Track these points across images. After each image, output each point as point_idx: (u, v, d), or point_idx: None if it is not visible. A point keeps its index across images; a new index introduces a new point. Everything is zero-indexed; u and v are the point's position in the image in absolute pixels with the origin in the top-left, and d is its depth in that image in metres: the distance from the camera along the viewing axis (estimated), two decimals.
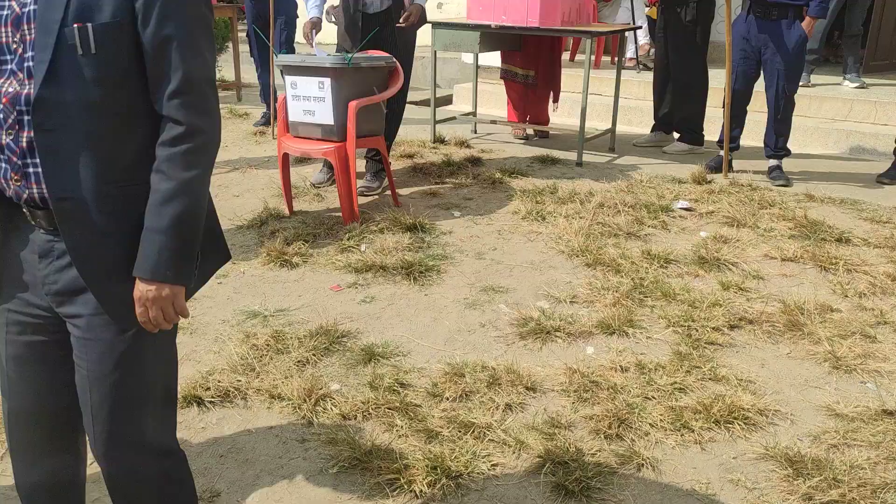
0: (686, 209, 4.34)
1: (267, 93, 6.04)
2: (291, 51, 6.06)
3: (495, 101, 6.81)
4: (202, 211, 1.50)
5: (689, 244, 3.91)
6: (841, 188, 4.82)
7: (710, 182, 4.81)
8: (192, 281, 1.54)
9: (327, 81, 3.97)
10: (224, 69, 7.82)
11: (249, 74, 7.17)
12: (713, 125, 5.48)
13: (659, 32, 5.54)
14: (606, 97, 6.29)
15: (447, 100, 8.01)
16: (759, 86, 4.91)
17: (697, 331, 3.03)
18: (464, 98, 7.03)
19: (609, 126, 5.76)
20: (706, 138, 5.61)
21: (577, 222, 4.09)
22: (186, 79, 1.43)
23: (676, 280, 3.52)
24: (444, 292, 3.45)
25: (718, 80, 5.52)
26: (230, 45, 7.78)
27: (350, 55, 3.98)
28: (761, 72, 4.83)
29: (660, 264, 3.64)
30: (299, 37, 5.34)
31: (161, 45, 1.41)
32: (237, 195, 4.73)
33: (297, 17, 5.94)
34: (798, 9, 4.62)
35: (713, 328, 3.05)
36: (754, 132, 5.31)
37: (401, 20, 4.37)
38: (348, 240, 3.93)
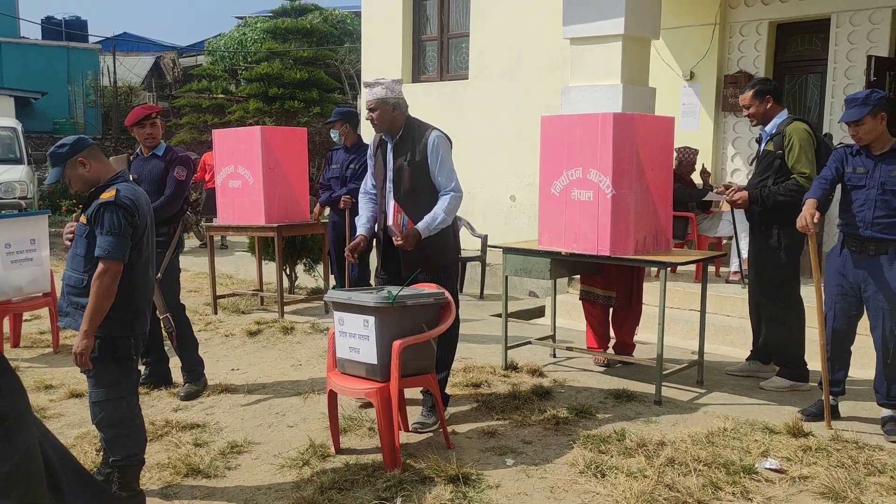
0: (775, 470, 3.73)
1: None
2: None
3: None
4: None
5: None
6: None
7: (807, 435, 4.14)
8: None
9: (371, 320, 3.85)
10: (319, 279, 8.04)
11: None
12: (817, 353, 4.82)
13: (749, 257, 5.12)
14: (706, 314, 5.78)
15: (539, 312, 7.79)
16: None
17: None
18: (557, 310, 6.69)
19: (705, 348, 5.22)
20: (811, 369, 4.97)
21: (640, 483, 3.58)
22: None
23: None
24: None
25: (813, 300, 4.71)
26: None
27: (394, 294, 3.86)
28: (864, 309, 4.28)
29: None
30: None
31: None
32: (291, 425, 4.58)
33: None
34: None
35: None
36: (870, 359, 4.48)
37: (395, 238, 4.20)
38: (385, 490, 3.63)
